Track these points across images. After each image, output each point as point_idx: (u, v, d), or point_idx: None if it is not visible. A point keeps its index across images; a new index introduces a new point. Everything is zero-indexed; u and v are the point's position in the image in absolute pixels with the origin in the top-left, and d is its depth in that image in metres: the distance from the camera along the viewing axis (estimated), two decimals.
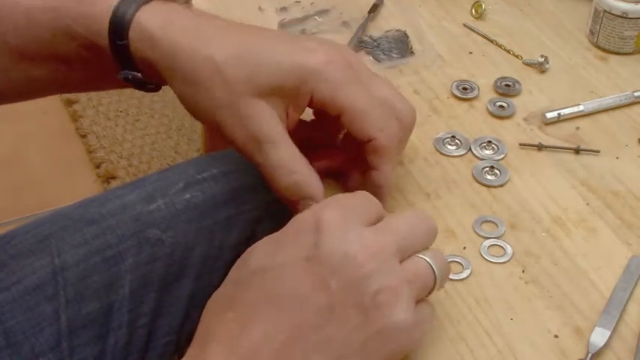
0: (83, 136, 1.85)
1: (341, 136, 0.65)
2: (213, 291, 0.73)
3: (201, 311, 0.55)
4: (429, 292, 0.52)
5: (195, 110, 0.61)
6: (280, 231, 0.52)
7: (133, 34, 0.61)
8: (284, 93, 0.59)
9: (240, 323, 0.48)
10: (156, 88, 0.66)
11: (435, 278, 0.51)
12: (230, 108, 0.59)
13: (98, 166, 1.77)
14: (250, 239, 0.73)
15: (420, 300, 0.51)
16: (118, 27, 0.61)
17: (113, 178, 1.75)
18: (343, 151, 0.65)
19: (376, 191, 0.60)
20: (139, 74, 0.63)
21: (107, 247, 0.69)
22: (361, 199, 0.53)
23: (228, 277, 0.52)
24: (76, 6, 0.62)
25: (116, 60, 0.62)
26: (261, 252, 0.51)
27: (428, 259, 0.51)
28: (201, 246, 0.71)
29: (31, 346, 0.66)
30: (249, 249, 0.52)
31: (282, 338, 0.47)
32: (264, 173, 0.60)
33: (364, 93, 0.59)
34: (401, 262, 0.50)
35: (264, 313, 0.48)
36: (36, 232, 0.70)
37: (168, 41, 0.60)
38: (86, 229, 0.70)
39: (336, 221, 0.49)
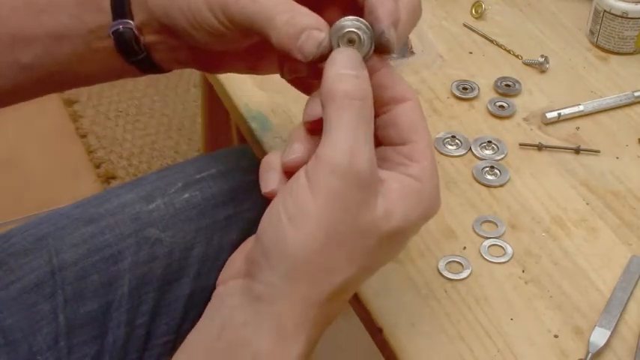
0: (83, 136, 1.85)
1: None
2: (212, 291, 0.73)
3: (201, 311, 0.53)
4: None
5: None
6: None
7: None
8: None
9: None
10: (144, 59, 0.59)
11: None
12: None
13: (98, 166, 1.77)
14: None
15: None
16: None
17: (113, 178, 1.75)
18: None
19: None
20: (132, 22, 0.57)
21: (106, 247, 0.69)
22: None
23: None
24: None
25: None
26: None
27: None
28: (200, 246, 0.71)
29: (29, 344, 0.66)
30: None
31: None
32: (259, 22, 0.53)
33: None
34: None
35: None
36: (34, 231, 0.70)
37: None
38: (85, 228, 0.70)
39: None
